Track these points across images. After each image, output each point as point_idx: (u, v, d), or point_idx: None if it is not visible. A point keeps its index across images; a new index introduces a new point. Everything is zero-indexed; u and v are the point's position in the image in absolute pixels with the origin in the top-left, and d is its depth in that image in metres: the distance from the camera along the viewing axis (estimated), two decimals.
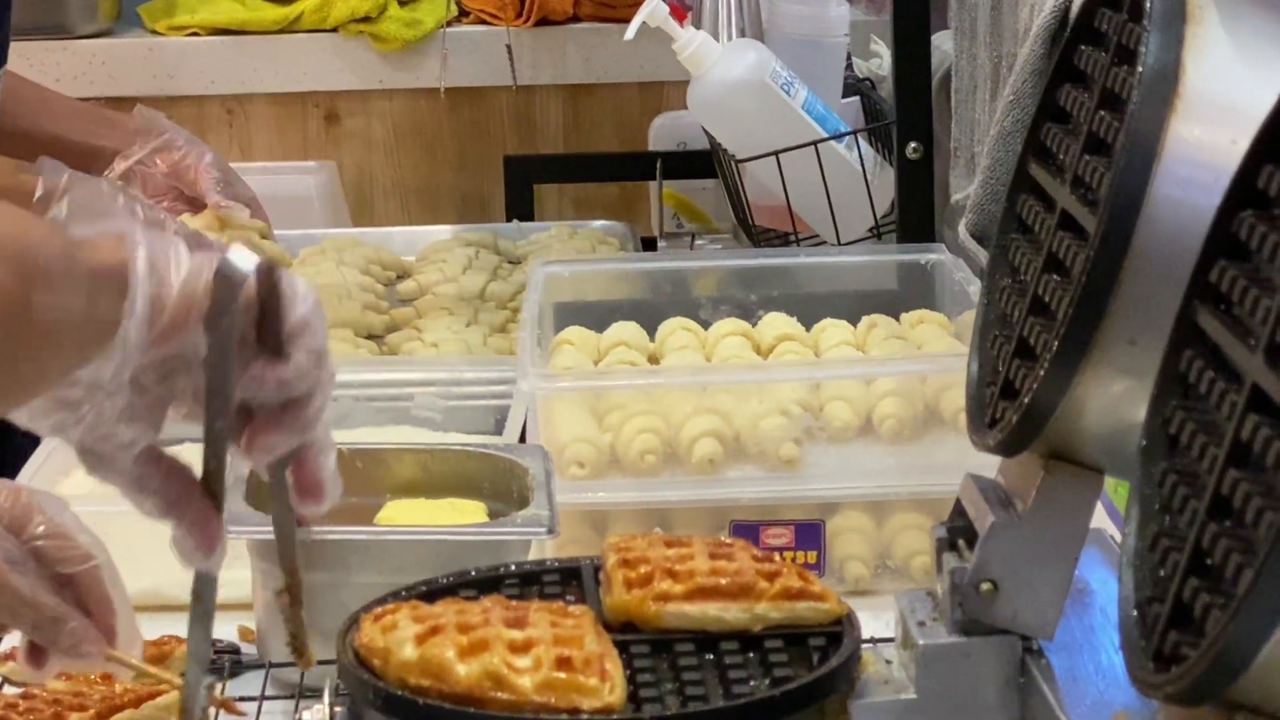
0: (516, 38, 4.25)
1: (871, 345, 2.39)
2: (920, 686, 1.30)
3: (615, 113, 4.26)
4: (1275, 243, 1.02)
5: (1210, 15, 1.20)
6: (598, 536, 2.16)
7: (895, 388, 2.22)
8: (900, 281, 2.57)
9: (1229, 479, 0.98)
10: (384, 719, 1.26)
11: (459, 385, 2.51)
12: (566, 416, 2.21)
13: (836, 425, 2.21)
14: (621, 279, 2.68)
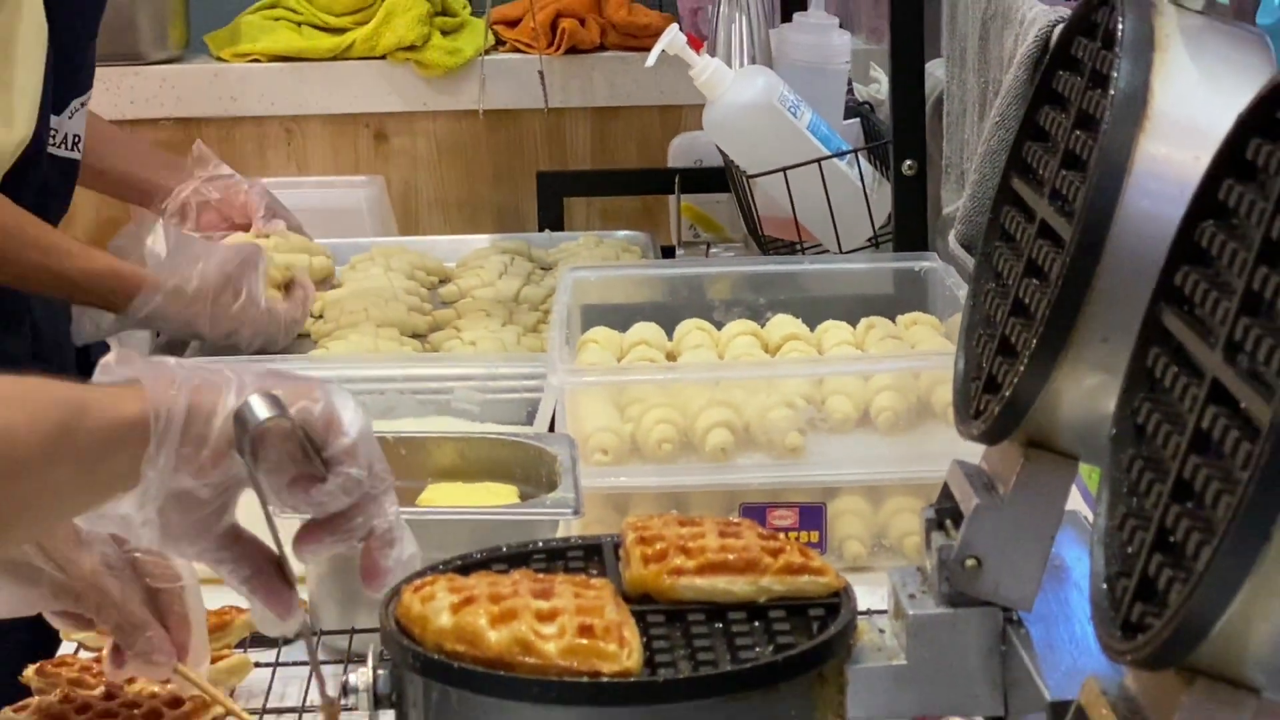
0: (548, 65, 4.25)
1: (869, 344, 2.38)
2: (910, 653, 1.30)
3: (637, 133, 4.26)
4: (1234, 250, 1.01)
5: (1176, 43, 1.20)
6: (618, 517, 2.16)
7: (891, 383, 2.22)
8: (896, 286, 2.57)
9: (1190, 464, 0.98)
10: (422, 681, 1.26)
11: (494, 380, 2.52)
12: (591, 408, 2.21)
13: (837, 417, 2.21)
14: (643, 284, 2.68)
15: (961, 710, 1.35)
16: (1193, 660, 0.94)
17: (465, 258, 3.25)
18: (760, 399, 2.21)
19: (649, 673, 1.25)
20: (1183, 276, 1.07)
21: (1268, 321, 0.95)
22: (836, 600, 1.32)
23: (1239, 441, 0.94)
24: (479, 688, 1.23)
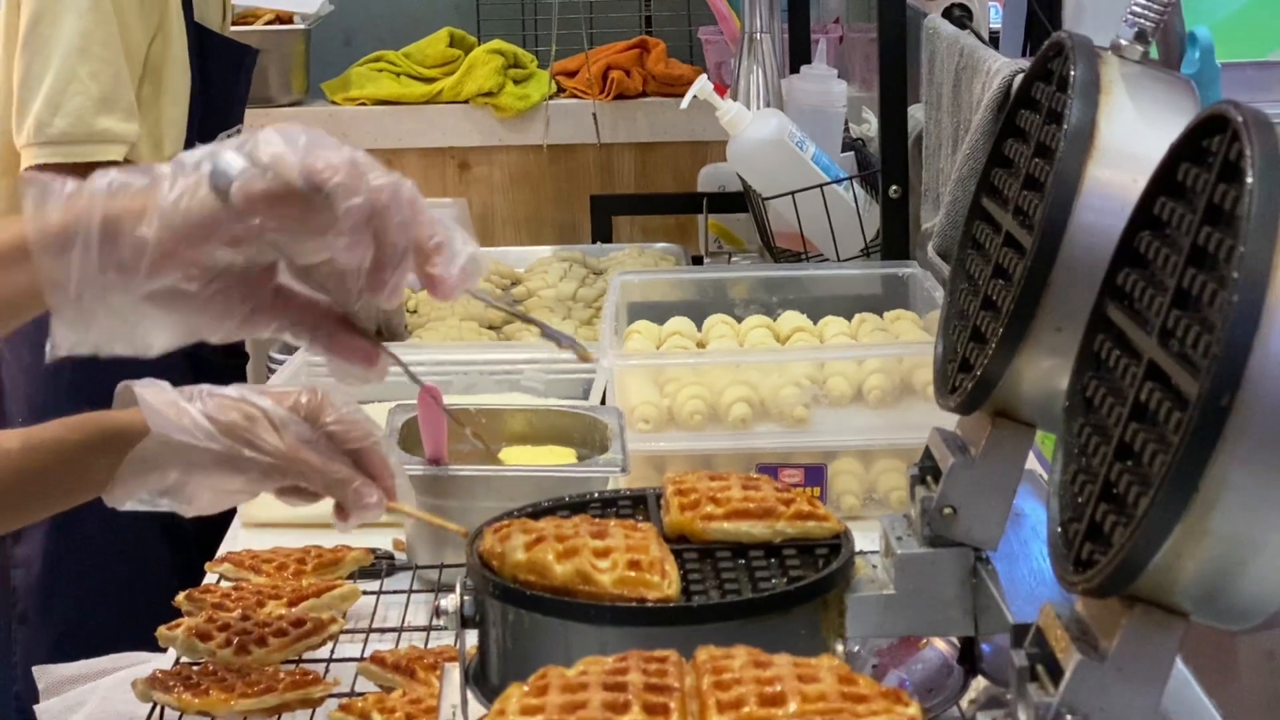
0: (600, 108, 4.25)
1: (862, 335, 2.38)
2: (898, 585, 1.29)
3: (672, 163, 4.26)
4: (1166, 255, 1.01)
5: (1118, 88, 1.19)
6: (658, 474, 2.16)
7: (879, 366, 2.22)
8: (883, 288, 2.57)
9: (1130, 430, 0.97)
10: (500, 605, 1.25)
11: (555, 363, 2.52)
12: (635, 386, 2.21)
13: (836, 394, 2.21)
14: (676, 285, 2.68)
15: (940, 631, 1.35)
16: (1133, 589, 0.93)
17: (532, 264, 3.26)
18: (773, 379, 2.21)
19: (685, 599, 1.25)
20: (1124, 277, 1.06)
21: (1195, 313, 0.94)
22: (838, 541, 1.32)
23: (1171, 411, 0.93)
24: (547, 611, 1.23)
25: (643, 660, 1.08)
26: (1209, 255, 0.95)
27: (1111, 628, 0.96)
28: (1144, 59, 1.22)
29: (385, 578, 1.99)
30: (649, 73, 4.34)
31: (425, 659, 1.68)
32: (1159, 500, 0.89)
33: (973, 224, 1.38)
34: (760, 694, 1.03)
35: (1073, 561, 0.99)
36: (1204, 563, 0.90)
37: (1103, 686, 0.95)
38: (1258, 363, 0.86)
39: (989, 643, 1.34)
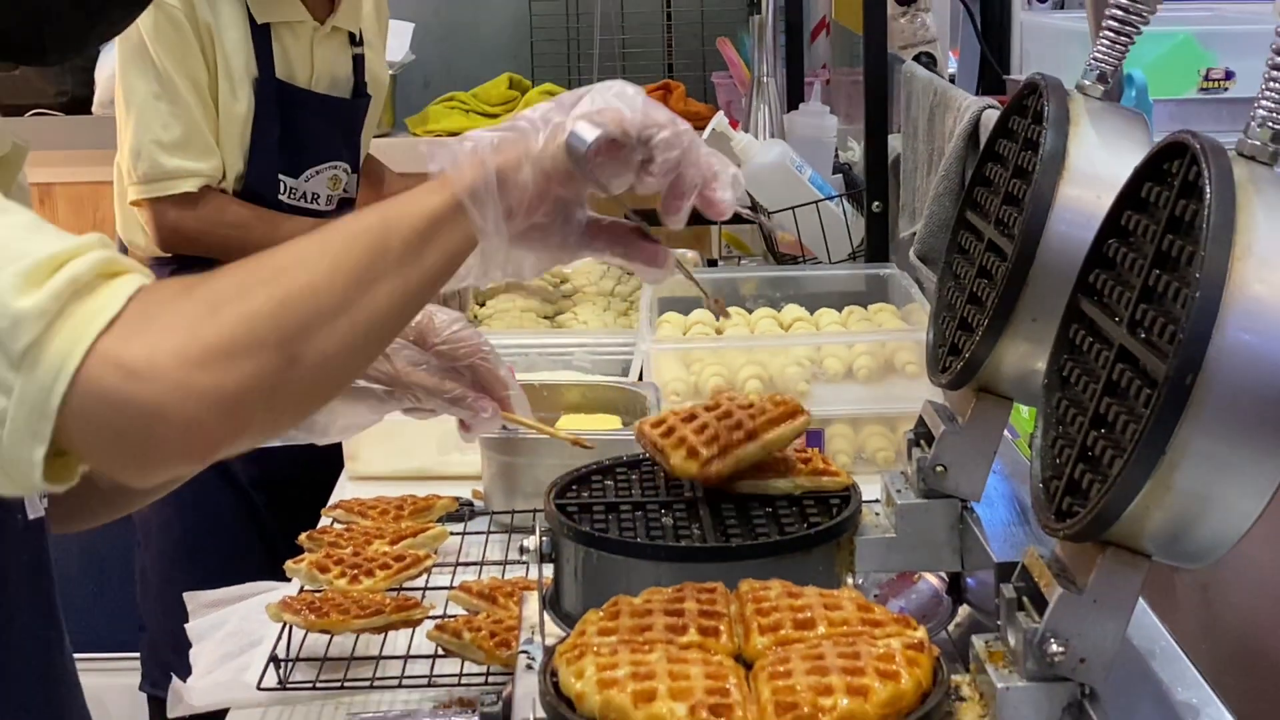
0: None
1: (851, 324, 2.37)
2: (898, 529, 1.28)
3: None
4: (1132, 259, 0.99)
5: (1085, 119, 1.17)
6: None
7: (866, 349, 2.21)
8: (867, 285, 2.55)
9: (1104, 403, 0.96)
10: (573, 545, 1.24)
11: (601, 346, 2.51)
12: (667, 365, 2.20)
13: (831, 371, 2.19)
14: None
15: (932, 567, 1.33)
16: (1106, 536, 0.92)
17: (577, 266, 3.24)
18: (779, 360, 2.19)
19: (724, 540, 1.24)
20: (1095, 276, 1.04)
21: (1160, 307, 0.93)
22: (848, 493, 1.30)
23: (1140, 388, 0.91)
24: (613, 550, 1.22)
25: (696, 591, 1.07)
26: (1171, 259, 0.93)
27: (1087, 567, 0.94)
28: (1105, 96, 1.20)
29: (467, 521, 1.98)
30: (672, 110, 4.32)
31: (504, 588, 1.66)
32: (1131, 462, 0.87)
33: (958, 233, 1.36)
34: (794, 619, 1.02)
35: (1054, 512, 0.97)
36: (1167, 513, 0.89)
37: (1080, 615, 0.94)
38: (1216, 348, 0.85)
39: (973, 577, 1.33)
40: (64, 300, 0.93)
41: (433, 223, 1.05)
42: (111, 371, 0.92)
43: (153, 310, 0.95)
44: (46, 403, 0.92)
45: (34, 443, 0.93)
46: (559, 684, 0.96)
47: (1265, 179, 0.89)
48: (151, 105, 2.43)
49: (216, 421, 0.94)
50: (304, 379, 0.98)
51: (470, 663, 1.55)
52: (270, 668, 1.56)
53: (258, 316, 0.96)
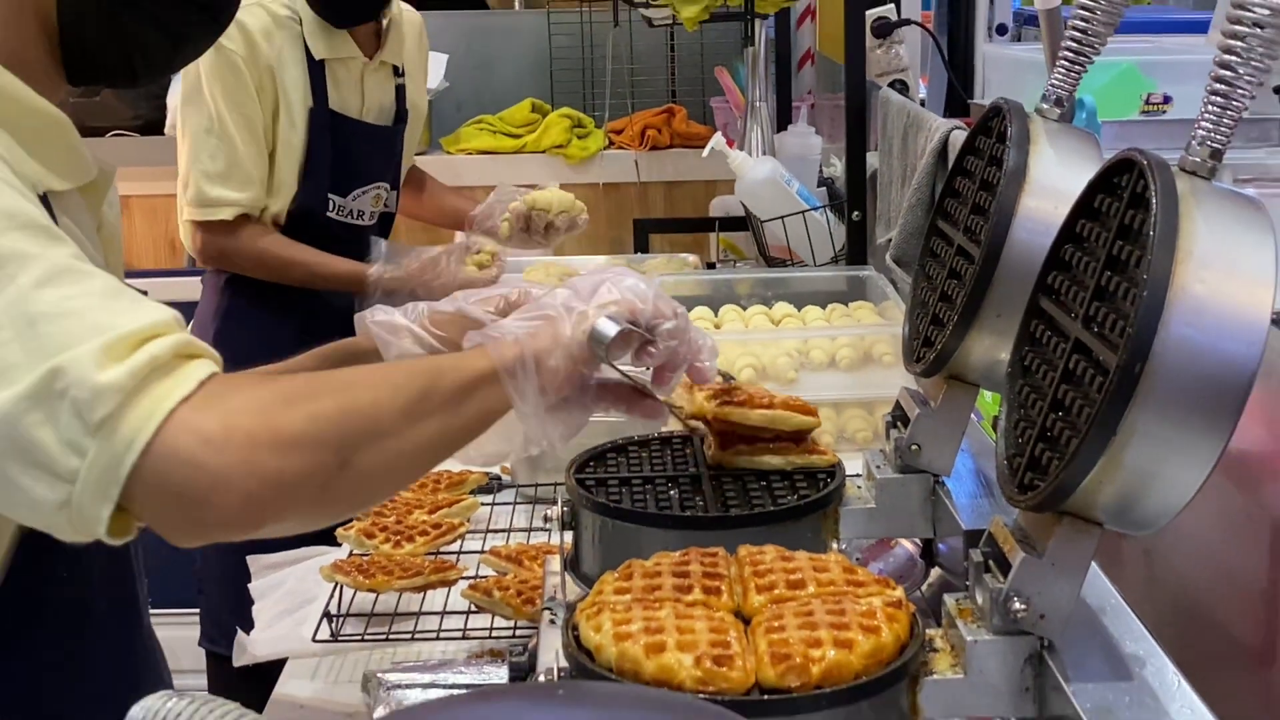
0: (640, 157, 4.22)
1: (834, 320, 2.36)
2: (877, 500, 1.27)
3: (691, 196, 4.23)
4: (1085, 261, 0.98)
5: (1043, 139, 1.16)
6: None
7: (847, 342, 2.19)
8: (848, 286, 2.54)
9: (1062, 390, 0.95)
10: (591, 514, 1.24)
11: None
12: None
13: (816, 361, 2.18)
14: (697, 284, 2.65)
15: (907, 534, 1.33)
16: (1062, 507, 0.91)
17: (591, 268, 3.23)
18: (771, 351, 2.18)
19: (724, 510, 1.23)
20: (1053, 277, 1.03)
21: (1111, 305, 0.92)
22: (833, 469, 1.30)
23: (1094, 376, 0.91)
24: (625, 519, 1.22)
25: (700, 555, 1.06)
26: (1121, 262, 0.92)
27: (1046, 534, 0.94)
28: (1061, 118, 1.20)
29: (496, 493, 1.98)
30: (675, 131, 4.31)
31: (529, 552, 1.66)
32: (1086, 441, 0.87)
33: (931, 239, 1.35)
34: (787, 580, 1.01)
35: (1017, 486, 0.97)
36: (1117, 487, 0.88)
37: (1040, 576, 0.93)
38: (1161, 341, 0.84)
39: (944, 543, 1.32)
40: (141, 378, 0.92)
41: (474, 382, 1.07)
42: (188, 439, 0.92)
43: (227, 393, 0.95)
44: (118, 469, 0.91)
45: (103, 502, 0.92)
46: (580, 637, 0.96)
47: (1204, 191, 0.89)
48: (202, 138, 2.43)
49: (270, 501, 0.94)
50: (349, 485, 0.98)
51: (500, 618, 1.55)
52: (323, 622, 1.56)
53: (324, 419, 0.97)
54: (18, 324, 0.92)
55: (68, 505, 0.93)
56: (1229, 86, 0.90)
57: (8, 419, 0.91)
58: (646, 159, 4.26)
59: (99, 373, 0.91)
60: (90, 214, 1.19)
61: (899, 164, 2.39)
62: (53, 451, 0.92)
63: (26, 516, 0.96)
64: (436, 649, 1.54)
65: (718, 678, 0.89)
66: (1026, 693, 0.95)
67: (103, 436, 0.91)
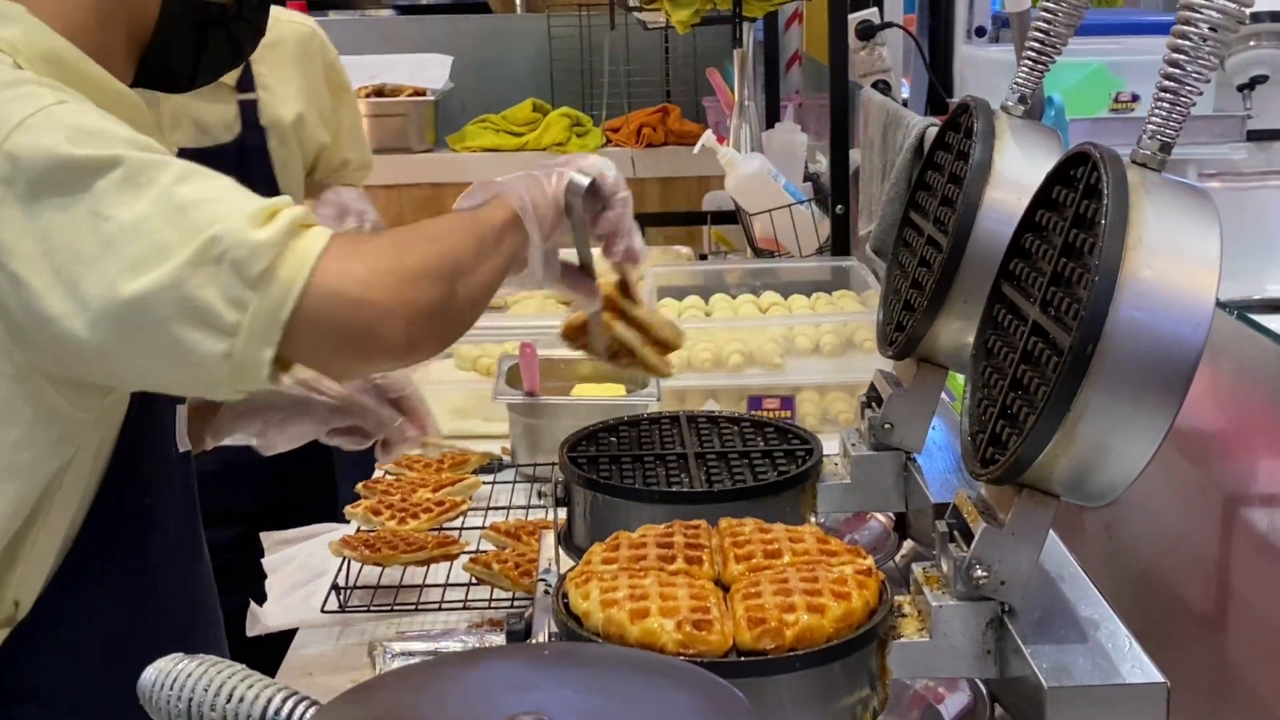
0: (637, 154, 4.23)
1: (818, 307, 2.37)
2: (852, 476, 1.29)
3: (684, 192, 4.23)
4: (1044, 249, 1.00)
5: (1007, 134, 1.17)
6: (680, 403, 2.15)
7: (830, 328, 2.21)
8: (832, 276, 2.55)
9: (1020, 369, 0.96)
10: (583, 490, 1.25)
11: None
12: None
13: (801, 347, 2.19)
14: (690, 274, 2.66)
15: (881, 508, 1.34)
16: (1021, 479, 0.92)
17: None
18: (758, 337, 2.19)
19: (707, 486, 1.24)
20: (1014, 264, 1.04)
21: (1066, 289, 0.93)
22: (810, 448, 1.31)
23: (1050, 356, 0.92)
24: (616, 494, 1.23)
25: (683, 527, 1.08)
26: (1076, 249, 0.93)
27: (1006, 505, 0.95)
28: (1024, 115, 1.21)
29: (497, 472, 1.99)
30: (669, 129, 4.31)
31: (527, 528, 1.67)
32: (1042, 418, 0.88)
33: (903, 230, 1.36)
34: (764, 550, 1.02)
35: (979, 460, 0.98)
36: (1072, 461, 0.89)
37: (1000, 545, 0.95)
38: (1111, 323, 0.85)
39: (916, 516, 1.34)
40: (288, 235, 1.01)
41: (504, 227, 1.18)
42: (341, 280, 1.02)
43: (354, 244, 1.06)
44: (279, 313, 1.00)
45: (265, 347, 1.01)
46: (569, 604, 0.97)
47: (1154, 182, 0.90)
48: None
49: (420, 328, 1.05)
50: (455, 312, 1.09)
51: (499, 589, 1.57)
52: (332, 594, 1.57)
53: (435, 258, 1.08)
54: (167, 213, 1.01)
55: (230, 356, 1.01)
56: (1178, 83, 0.91)
57: (174, 284, 1.00)
58: (642, 156, 4.26)
59: (253, 234, 1.00)
60: None
61: (879, 160, 2.40)
62: (217, 307, 1.00)
63: (189, 377, 1.03)
64: (439, 619, 1.56)
65: (697, 641, 0.90)
66: (989, 655, 0.97)
67: (263, 287, 1.00)
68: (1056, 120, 1.93)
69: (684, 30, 2.97)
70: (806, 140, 3.14)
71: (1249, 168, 2.91)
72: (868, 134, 2.55)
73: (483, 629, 1.49)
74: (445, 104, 4.42)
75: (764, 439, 1.35)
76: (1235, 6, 0.89)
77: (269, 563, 1.80)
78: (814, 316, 2.31)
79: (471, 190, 1.25)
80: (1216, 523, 1.22)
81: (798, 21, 3.85)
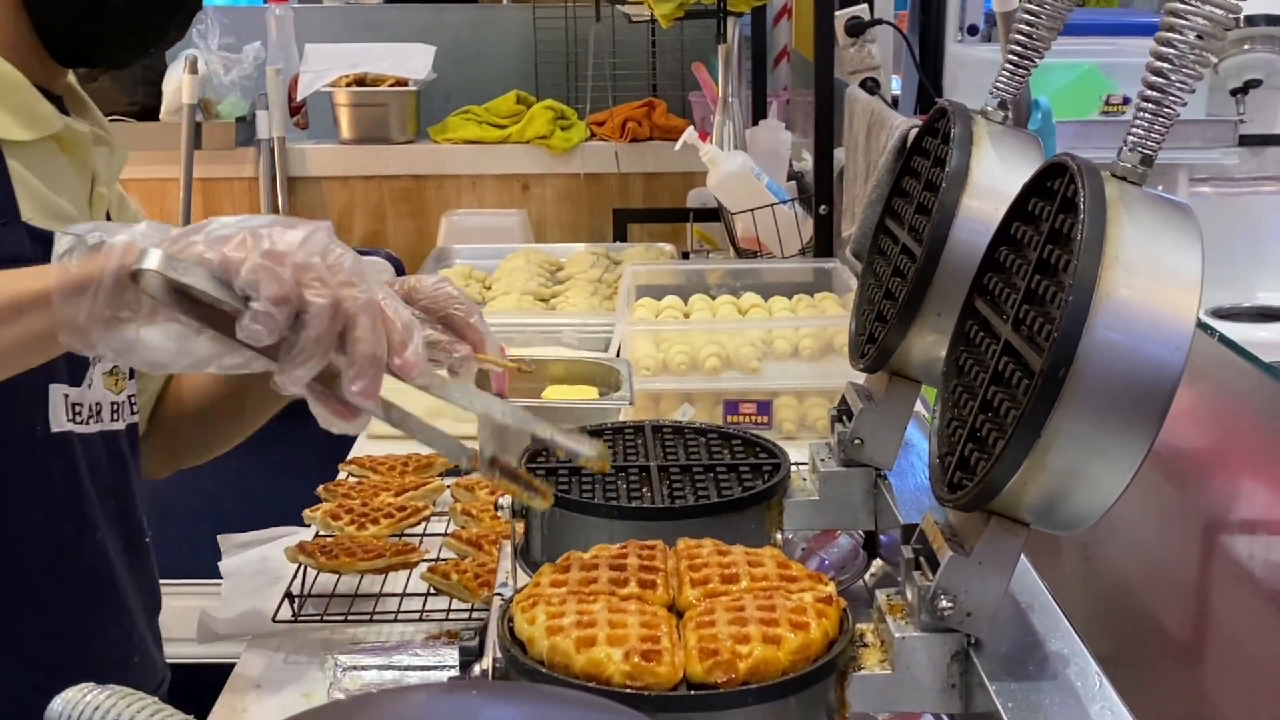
0: (621, 148, 4.19)
1: (799, 310, 2.33)
2: (821, 493, 1.25)
3: (669, 188, 4.19)
4: (1019, 264, 0.95)
5: (985, 140, 1.13)
6: (655, 406, 2.12)
7: (811, 332, 2.16)
8: (814, 277, 2.51)
9: (991, 391, 0.92)
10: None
11: (587, 326, 2.47)
12: (640, 343, 2.16)
13: (780, 350, 2.15)
14: (670, 273, 2.62)
15: (850, 526, 1.30)
16: (990, 506, 0.88)
17: (571, 256, 3.19)
18: (735, 340, 2.15)
19: (669, 502, 1.20)
20: (988, 279, 1.00)
21: (1040, 308, 0.89)
22: (778, 462, 1.27)
23: (1021, 379, 0.88)
24: (572, 509, 1.19)
25: (639, 548, 1.04)
26: (1050, 266, 0.89)
27: (974, 533, 0.91)
28: (1004, 121, 1.17)
29: (465, 473, 1.94)
30: (654, 124, 4.27)
31: (489, 536, 1.63)
32: (1011, 443, 0.84)
33: (879, 237, 1.32)
34: (721, 574, 0.98)
35: (947, 485, 0.94)
36: (1042, 488, 0.85)
37: (967, 575, 0.91)
38: (1085, 346, 0.81)
39: (886, 535, 1.30)
40: None
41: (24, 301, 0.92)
42: None
43: None
44: None
45: None
46: (514, 629, 0.93)
47: (1134, 197, 0.86)
48: None
49: None
50: None
51: (457, 600, 1.52)
52: (285, 603, 1.53)
53: None
54: None
55: None
56: (1161, 93, 0.87)
57: None
58: (627, 151, 4.22)
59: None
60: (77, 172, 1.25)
61: (862, 160, 2.36)
62: None
63: None
64: (395, 630, 1.51)
65: (645, 673, 0.86)
66: (953, 689, 0.93)
67: None
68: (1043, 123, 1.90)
69: (667, 24, 2.93)
70: (791, 138, 3.10)
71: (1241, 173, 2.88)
72: (853, 133, 2.51)
73: (440, 641, 1.45)
74: (427, 94, 4.37)
75: (731, 452, 1.30)
76: (1223, 12, 0.85)
77: (225, 566, 1.75)
78: (793, 320, 2.26)
79: None
80: (1196, 547, 1.18)
81: (787, 16, 3.81)
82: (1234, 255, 2.81)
